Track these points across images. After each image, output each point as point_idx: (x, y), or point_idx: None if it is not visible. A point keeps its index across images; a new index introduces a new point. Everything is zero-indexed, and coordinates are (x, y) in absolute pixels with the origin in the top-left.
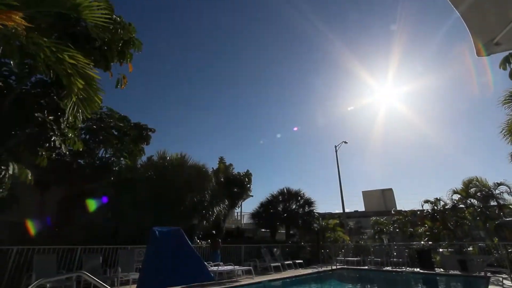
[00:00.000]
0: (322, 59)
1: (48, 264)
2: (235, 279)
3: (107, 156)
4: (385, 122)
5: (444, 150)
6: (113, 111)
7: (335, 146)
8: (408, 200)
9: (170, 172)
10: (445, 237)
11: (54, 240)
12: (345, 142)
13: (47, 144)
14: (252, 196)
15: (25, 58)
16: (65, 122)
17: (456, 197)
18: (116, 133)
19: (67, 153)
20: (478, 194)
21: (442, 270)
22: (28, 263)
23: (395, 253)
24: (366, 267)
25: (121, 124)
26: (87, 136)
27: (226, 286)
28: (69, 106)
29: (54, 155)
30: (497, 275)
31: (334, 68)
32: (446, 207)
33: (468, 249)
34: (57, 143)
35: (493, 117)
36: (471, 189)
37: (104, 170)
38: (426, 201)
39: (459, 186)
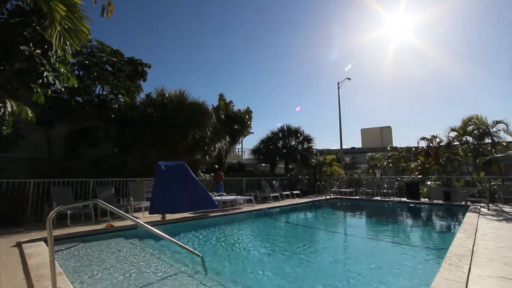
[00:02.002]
0: None
1: (65, 194)
2: (237, 207)
3: (104, 93)
4: (393, 57)
5: (456, 85)
6: (104, 44)
7: (338, 83)
8: (407, 138)
9: (170, 109)
10: (435, 172)
11: (66, 174)
12: (349, 79)
13: (40, 80)
14: (252, 133)
15: None
16: (54, 56)
17: (453, 134)
18: (110, 68)
19: (63, 89)
20: (475, 131)
21: (427, 200)
22: (47, 194)
23: (385, 185)
24: (358, 197)
25: (114, 59)
26: (81, 72)
27: (229, 212)
28: (54, 37)
29: (50, 92)
30: (476, 204)
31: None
32: (441, 144)
33: (455, 182)
34: (50, 79)
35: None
36: (469, 127)
37: (103, 108)
38: (423, 138)
39: (459, 124)
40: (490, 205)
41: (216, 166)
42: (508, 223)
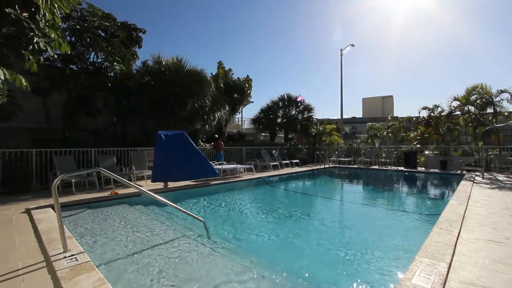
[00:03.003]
0: None
1: (68, 163)
2: (237, 175)
3: (99, 61)
4: (400, 22)
5: (471, 54)
6: (94, 7)
7: (341, 50)
8: (409, 109)
9: (168, 77)
10: (433, 142)
11: (66, 143)
12: (352, 45)
13: (31, 47)
14: (252, 102)
15: None
16: (42, 20)
17: (455, 103)
18: (103, 34)
19: (55, 56)
20: (478, 101)
21: (423, 169)
22: (50, 163)
23: (383, 155)
24: (356, 166)
25: (106, 24)
26: (73, 38)
27: (230, 180)
28: None
29: (42, 60)
30: (472, 173)
31: None
32: (442, 113)
33: (453, 152)
34: (41, 45)
35: None
36: (472, 96)
37: (99, 76)
38: (424, 108)
39: (462, 93)
40: (485, 174)
41: (216, 135)
42: (500, 191)
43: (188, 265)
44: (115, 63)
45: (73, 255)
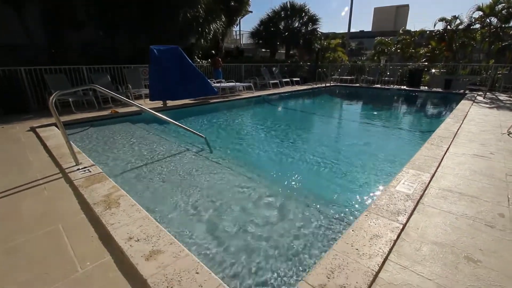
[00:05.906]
0: None
1: (60, 82)
2: (237, 94)
3: None
4: None
5: None
6: None
7: None
8: (426, 22)
9: None
10: (443, 59)
11: (55, 61)
12: None
13: None
14: (251, 12)
15: None
16: None
17: (477, 14)
18: None
19: None
20: (504, 11)
21: (426, 88)
22: (42, 82)
23: (388, 73)
24: (358, 85)
25: None
26: None
27: (229, 99)
28: None
29: None
30: (475, 92)
31: None
32: (460, 27)
33: (460, 70)
34: None
35: None
36: (499, 5)
37: None
38: (441, 19)
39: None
40: (488, 93)
41: (213, 51)
42: (498, 110)
43: (192, 173)
44: None
45: (85, 167)
